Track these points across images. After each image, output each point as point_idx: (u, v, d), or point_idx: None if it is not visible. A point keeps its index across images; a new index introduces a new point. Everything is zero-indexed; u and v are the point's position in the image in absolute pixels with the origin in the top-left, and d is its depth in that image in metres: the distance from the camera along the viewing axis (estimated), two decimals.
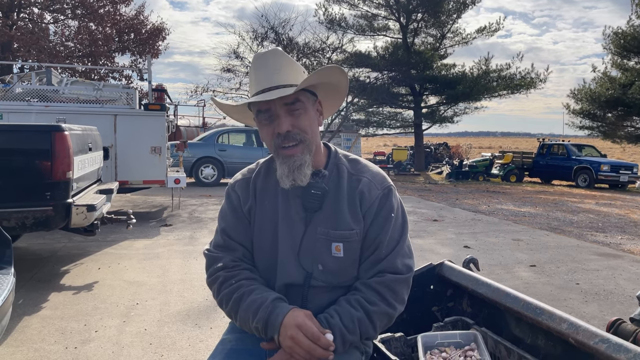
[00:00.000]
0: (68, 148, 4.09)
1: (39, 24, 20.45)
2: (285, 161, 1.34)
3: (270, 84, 1.33)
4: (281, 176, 1.36)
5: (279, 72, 1.35)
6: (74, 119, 6.30)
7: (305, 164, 1.34)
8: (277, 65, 1.35)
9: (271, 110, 1.34)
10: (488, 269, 5.18)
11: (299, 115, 1.34)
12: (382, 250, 1.37)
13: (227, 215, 1.48)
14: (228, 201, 1.49)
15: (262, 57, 1.38)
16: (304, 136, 1.34)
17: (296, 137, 1.33)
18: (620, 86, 19.93)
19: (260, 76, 1.36)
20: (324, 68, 1.33)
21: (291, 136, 1.33)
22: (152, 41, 22.50)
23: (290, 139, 1.33)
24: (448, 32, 22.18)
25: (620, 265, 5.58)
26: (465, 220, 8.47)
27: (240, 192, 1.47)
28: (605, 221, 8.87)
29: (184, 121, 18.28)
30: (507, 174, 18.52)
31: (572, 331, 1.34)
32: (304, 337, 1.22)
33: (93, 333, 3.30)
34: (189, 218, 7.88)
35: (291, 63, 1.39)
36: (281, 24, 18.34)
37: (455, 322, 1.72)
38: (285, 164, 1.34)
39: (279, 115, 1.33)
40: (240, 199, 1.46)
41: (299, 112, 1.34)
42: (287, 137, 1.33)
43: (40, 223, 4.04)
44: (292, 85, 1.33)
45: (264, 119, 1.36)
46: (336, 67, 1.37)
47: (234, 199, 1.48)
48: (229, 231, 1.45)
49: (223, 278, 1.39)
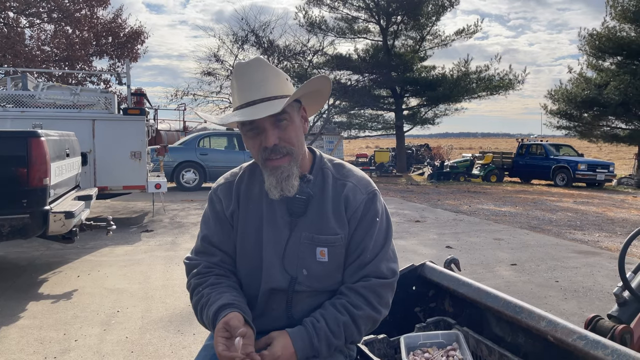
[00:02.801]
0: (45, 154, 4.02)
1: (14, 29, 20.04)
2: (272, 172, 1.34)
3: (254, 96, 1.32)
4: (269, 187, 1.36)
5: (264, 84, 1.32)
6: (51, 125, 6.18)
7: (293, 175, 1.34)
8: (262, 77, 1.33)
9: (256, 123, 1.32)
10: (470, 269, 5.23)
11: (285, 127, 1.33)
12: (367, 254, 1.38)
13: (209, 220, 1.47)
14: (211, 206, 1.48)
15: (245, 67, 1.35)
16: (290, 149, 1.34)
17: (283, 150, 1.33)
18: (596, 87, 20.33)
19: (244, 88, 1.34)
20: (310, 81, 1.33)
21: (278, 149, 1.33)
22: (130, 45, 22.23)
23: (277, 152, 1.33)
24: (427, 35, 22.38)
25: (598, 262, 5.69)
26: (447, 220, 8.54)
27: (222, 196, 1.46)
28: (583, 219, 9.03)
29: (165, 125, 18.13)
30: (487, 174, 18.75)
31: (550, 329, 1.36)
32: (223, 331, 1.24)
33: (73, 342, 3.24)
34: (171, 223, 7.80)
35: (275, 73, 1.36)
36: (261, 27, 18.29)
37: (438, 322, 1.73)
38: (273, 176, 1.34)
39: (265, 129, 1.32)
40: (222, 204, 1.45)
41: (286, 124, 1.33)
42: (274, 151, 1.33)
43: (17, 231, 3.96)
44: (277, 97, 1.32)
45: (248, 130, 1.35)
46: (323, 78, 1.38)
47: (216, 204, 1.47)
48: (211, 237, 1.44)
49: (194, 285, 1.40)
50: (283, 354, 1.25)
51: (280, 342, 1.27)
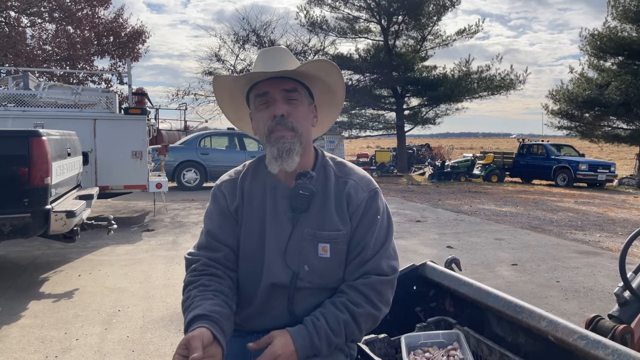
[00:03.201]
0: (46, 153, 4.02)
1: (15, 28, 20.06)
2: (275, 143, 1.36)
3: (273, 68, 1.37)
4: (269, 160, 1.37)
5: (283, 62, 1.40)
6: (52, 124, 6.18)
7: (295, 150, 1.35)
8: (282, 57, 1.42)
9: (269, 94, 1.37)
10: (471, 269, 5.23)
11: (295, 105, 1.38)
12: (367, 252, 1.38)
13: (213, 215, 1.47)
14: (214, 201, 1.49)
15: (268, 51, 1.45)
16: (296, 125, 1.37)
17: (289, 124, 1.36)
18: (597, 87, 20.30)
19: (264, 62, 1.41)
20: (324, 60, 1.38)
21: (285, 122, 1.36)
22: (131, 44, 22.23)
23: (284, 124, 1.35)
24: (429, 35, 22.36)
25: (599, 262, 5.68)
26: (447, 220, 8.54)
27: (227, 192, 1.47)
28: (584, 219, 9.03)
29: (166, 125, 18.11)
30: (488, 174, 18.73)
31: (551, 328, 1.36)
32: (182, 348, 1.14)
33: (74, 341, 3.25)
34: (172, 223, 7.80)
35: (294, 59, 1.45)
36: (263, 27, 18.30)
37: (438, 322, 1.73)
38: (275, 146, 1.35)
39: (276, 100, 1.37)
40: (227, 199, 1.46)
41: (296, 102, 1.38)
42: (281, 122, 1.35)
43: (19, 230, 3.96)
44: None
45: (261, 103, 1.39)
46: (334, 66, 1.41)
47: (220, 199, 1.47)
48: (215, 232, 1.44)
49: (186, 282, 1.39)
50: (283, 353, 1.25)
51: (280, 340, 1.27)
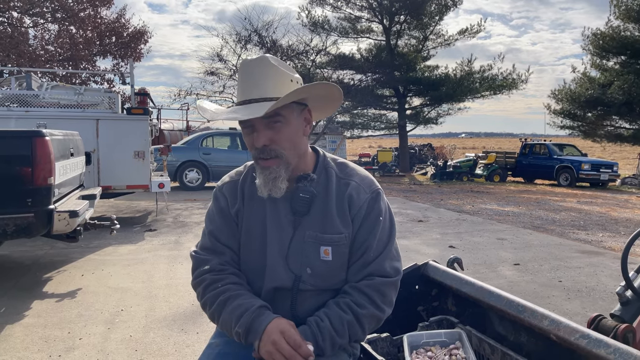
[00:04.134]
0: (49, 153, 4.04)
1: (18, 28, 20.11)
2: (262, 172, 1.36)
3: (251, 95, 1.32)
4: (259, 185, 1.37)
5: (263, 84, 1.32)
6: (55, 124, 6.19)
7: (280, 177, 1.34)
8: (262, 76, 1.32)
9: (250, 122, 1.33)
10: (473, 269, 5.22)
11: (279, 129, 1.32)
12: (370, 253, 1.38)
13: (214, 217, 1.47)
14: (216, 203, 1.49)
15: (248, 65, 1.36)
16: (280, 152, 1.33)
17: (272, 153, 1.33)
18: (600, 86, 20.26)
19: (244, 86, 1.35)
20: (306, 86, 1.33)
21: (267, 151, 1.33)
22: (134, 44, 22.28)
23: (266, 153, 1.33)
24: (430, 34, 22.36)
25: (602, 262, 5.67)
26: (450, 220, 8.53)
27: (228, 194, 1.47)
28: (586, 219, 9.01)
29: (168, 125, 18.12)
30: (490, 174, 18.72)
31: (553, 328, 1.36)
32: (286, 343, 1.22)
33: (77, 341, 3.26)
34: (174, 222, 7.82)
35: (278, 73, 1.34)
36: (264, 27, 18.30)
37: (440, 321, 1.74)
38: (262, 175, 1.36)
39: (257, 129, 1.33)
40: (228, 202, 1.46)
41: (279, 126, 1.32)
42: (263, 152, 1.33)
43: (22, 230, 3.97)
44: (273, 99, 1.30)
45: (244, 128, 1.38)
46: (325, 84, 1.37)
47: (221, 202, 1.47)
48: (217, 234, 1.44)
49: (210, 281, 1.38)
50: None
51: None
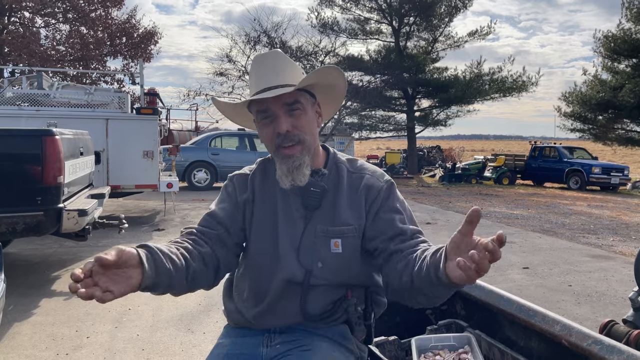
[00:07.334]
0: (59, 152, 4.06)
1: (30, 28, 20.32)
2: (284, 161, 1.35)
3: (270, 83, 1.35)
4: (280, 176, 1.37)
5: (280, 73, 1.37)
6: (65, 123, 6.24)
7: (304, 164, 1.35)
8: (278, 66, 1.37)
9: (271, 110, 1.35)
10: None
11: (298, 116, 1.35)
12: (405, 222, 1.38)
13: (219, 200, 1.50)
14: (224, 189, 1.51)
15: (263, 58, 1.40)
16: (303, 137, 1.35)
17: (295, 138, 1.35)
18: (611, 89, 20.08)
19: (260, 76, 1.38)
20: (323, 68, 1.36)
21: (290, 136, 1.34)
22: (144, 45, 22.43)
23: (290, 139, 1.34)
24: (440, 36, 22.28)
25: (612, 266, 5.61)
26: (458, 223, 8.45)
27: (238, 185, 1.49)
28: (597, 223, 8.92)
29: (177, 125, 18.23)
30: (499, 176, 18.59)
31: (565, 333, 1.34)
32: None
33: (84, 339, 3.27)
34: (182, 222, 7.84)
35: (291, 65, 1.41)
36: (274, 28, 18.35)
37: (449, 324, 1.72)
38: (285, 164, 1.35)
39: (278, 116, 1.34)
40: (236, 189, 1.48)
41: (298, 113, 1.35)
42: (287, 137, 1.34)
43: (31, 228, 4.00)
44: (291, 85, 1.34)
45: (263, 118, 1.38)
46: (334, 68, 1.39)
47: (229, 188, 1.50)
48: (216, 212, 1.45)
49: (174, 240, 1.41)
50: None
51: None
